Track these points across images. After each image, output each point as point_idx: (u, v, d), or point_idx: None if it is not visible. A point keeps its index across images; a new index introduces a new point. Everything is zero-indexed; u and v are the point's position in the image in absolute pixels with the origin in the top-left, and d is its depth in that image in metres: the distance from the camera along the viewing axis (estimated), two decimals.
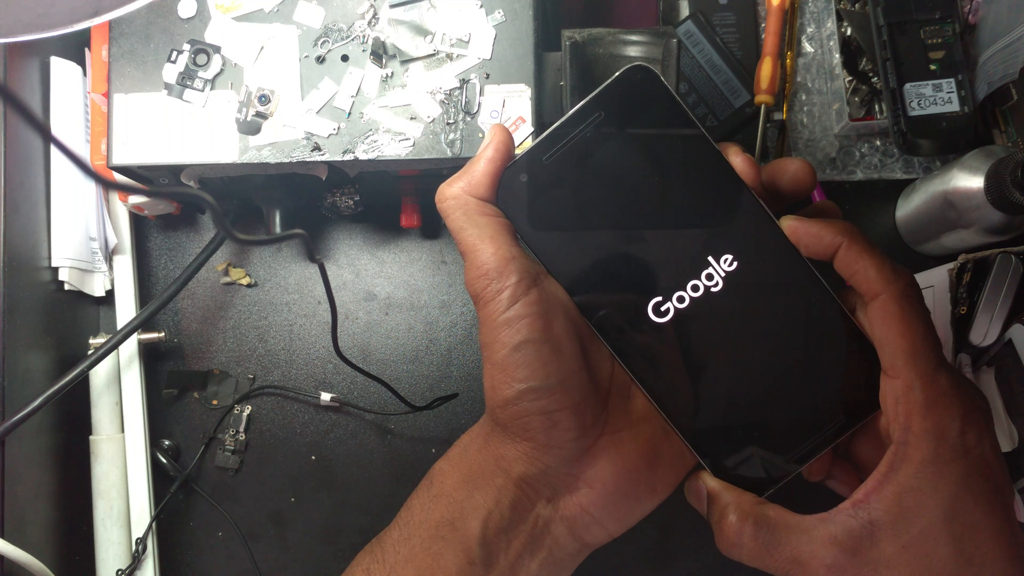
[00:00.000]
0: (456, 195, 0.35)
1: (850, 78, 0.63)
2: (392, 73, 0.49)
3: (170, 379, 0.63)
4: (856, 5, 0.63)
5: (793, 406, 0.34)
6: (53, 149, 0.56)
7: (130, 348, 0.60)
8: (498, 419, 0.34)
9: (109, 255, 0.60)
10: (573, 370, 0.33)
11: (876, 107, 0.63)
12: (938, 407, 0.30)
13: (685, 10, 0.64)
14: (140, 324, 0.55)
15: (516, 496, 0.34)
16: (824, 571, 0.31)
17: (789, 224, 0.33)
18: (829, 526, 0.31)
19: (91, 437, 0.59)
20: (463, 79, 0.49)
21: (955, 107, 0.59)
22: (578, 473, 0.34)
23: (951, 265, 0.54)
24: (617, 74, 0.33)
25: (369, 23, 0.50)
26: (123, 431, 0.60)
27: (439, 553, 0.34)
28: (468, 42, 0.49)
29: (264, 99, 0.49)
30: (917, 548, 0.30)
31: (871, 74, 0.63)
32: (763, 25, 0.64)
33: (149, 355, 0.62)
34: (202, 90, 0.49)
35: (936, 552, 0.30)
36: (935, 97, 0.60)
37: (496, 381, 0.33)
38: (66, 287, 0.57)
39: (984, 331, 0.53)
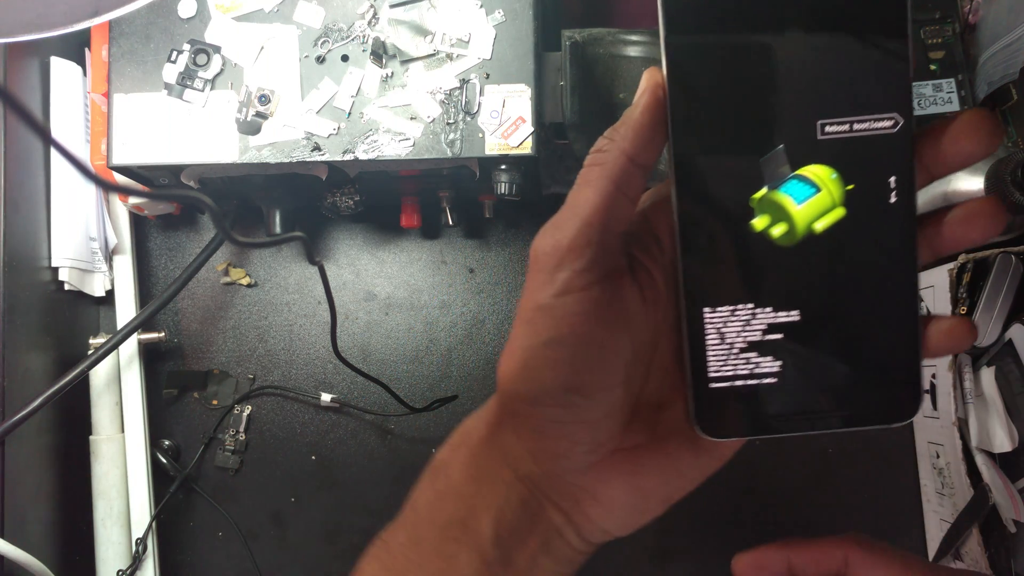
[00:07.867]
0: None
1: None
2: (392, 73, 0.49)
3: (170, 379, 0.63)
4: None
5: (816, 369, 0.30)
6: (53, 150, 0.56)
7: (130, 348, 0.60)
8: (508, 407, 0.32)
9: (109, 255, 0.60)
10: (607, 386, 0.30)
11: None
12: None
13: None
14: (140, 324, 0.55)
15: (523, 493, 0.33)
16: None
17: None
18: None
19: (91, 437, 0.59)
20: (463, 79, 0.49)
21: (955, 107, 0.59)
22: (585, 485, 0.33)
23: (951, 265, 0.54)
24: None
25: (369, 23, 0.50)
26: (123, 431, 0.60)
27: (453, 555, 0.32)
28: (468, 42, 0.49)
29: (264, 99, 0.49)
30: None
31: None
32: None
33: (149, 355, 0.62)
34: (202, 90, 0.49)
35: None
36: (935, 97, 0.59)
37: (518, 367, 0.30)
38: (66, 287, 0.57)
39: (984, 331, 0.53)
